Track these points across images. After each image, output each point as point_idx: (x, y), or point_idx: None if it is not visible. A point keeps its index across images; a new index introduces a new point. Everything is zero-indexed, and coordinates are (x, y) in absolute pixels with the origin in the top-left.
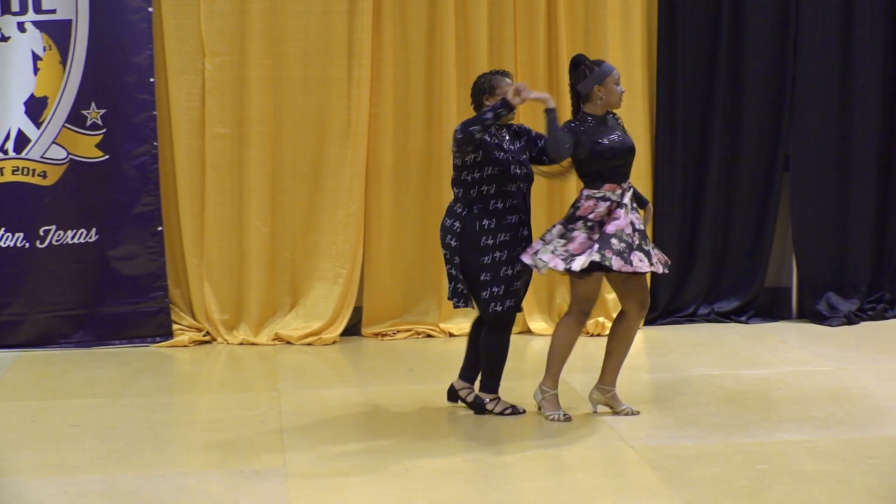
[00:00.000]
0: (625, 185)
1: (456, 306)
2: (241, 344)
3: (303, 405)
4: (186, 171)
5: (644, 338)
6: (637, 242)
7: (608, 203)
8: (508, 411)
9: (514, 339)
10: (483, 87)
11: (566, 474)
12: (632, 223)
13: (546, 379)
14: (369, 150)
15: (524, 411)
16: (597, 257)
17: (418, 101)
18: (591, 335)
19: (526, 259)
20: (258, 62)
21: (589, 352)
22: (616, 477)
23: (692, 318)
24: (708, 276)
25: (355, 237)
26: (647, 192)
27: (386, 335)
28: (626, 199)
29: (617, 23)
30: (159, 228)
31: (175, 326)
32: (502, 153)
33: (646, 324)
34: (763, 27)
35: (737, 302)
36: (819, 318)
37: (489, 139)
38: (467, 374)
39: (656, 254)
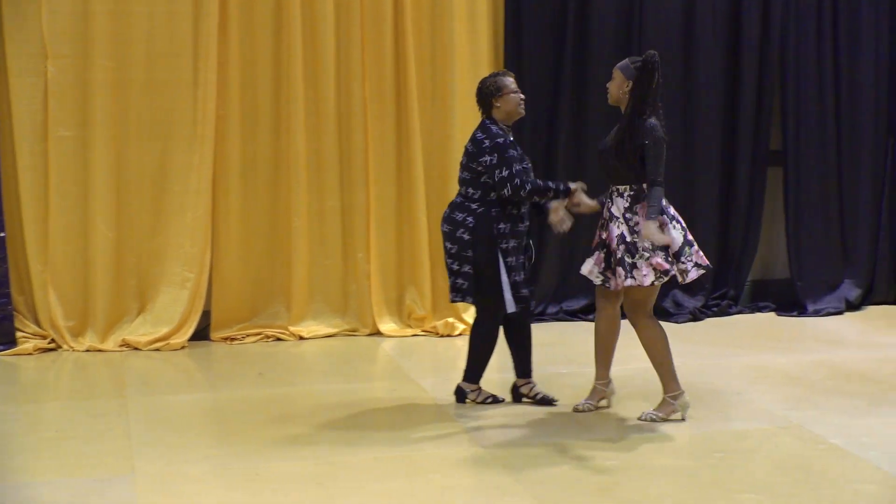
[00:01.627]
0: (613, 188)
1: (453, 301)
2: (88, 351)
3: (151, 411)
4: (29, 175)
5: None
6: (619, 256)
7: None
8: (489, 400)
9: (365, 341)
10: (490, 90)
11: (418, 475)
12: (621, 235)
13: (670, 386)
14: (216, 153)
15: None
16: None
17: (265, 103)
18: (441, 336)
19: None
20: (102, 64)
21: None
22: (468, 477)
23: (541, 317)
24: (556, 276)
25: (203, 241)
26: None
27: (235, 339)
28: (615, 209)
29: (464, 23)
30: (1, 234)
31: (19, 334)
32: (520, 165)
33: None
34: (608, 28)
35: (584, 300)
36: (665, 315)
37: (514, 151)
38: (520, 369)
39: (649, 263)
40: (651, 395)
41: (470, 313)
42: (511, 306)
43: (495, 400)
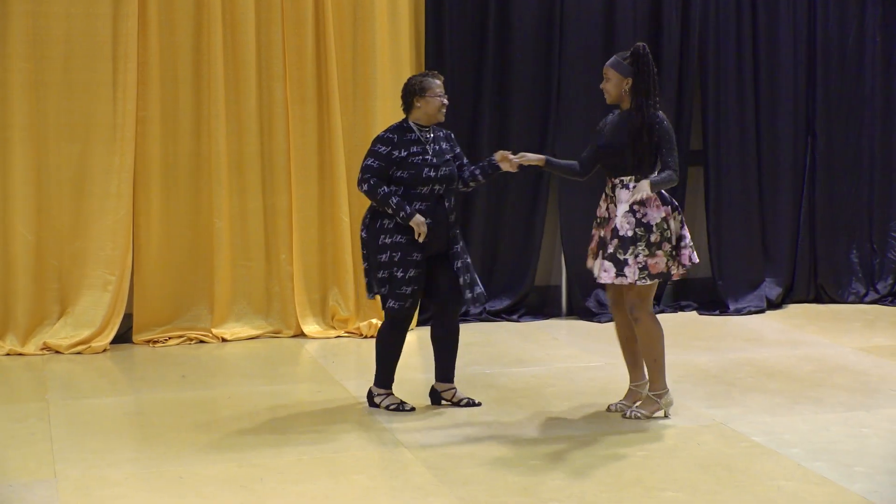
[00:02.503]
0: (615, 181)
1: (369, 297)
2: (8, 354)
3: (73, 415)
4: None
5: (416, 338)
6: (610, 251)
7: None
8: (393, 407)
9: (289, 343)
10: (414, 89)
11: (342, 476)
12: (615, 229)
13: (658, 384)
14: (137, 155)
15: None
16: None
17: (186, 105)
18: (365, 337)
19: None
20: (19, 66)
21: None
22: (392, 478)
23: (465, 318)
24: (480, 276)
25: (124, 243)
26: None
27: (157, 342)
28: (617, 199)
29: (385, 25)
30: None
31: None
32: (418, 157)
33: (417, 324)
34: (529, 30)
35: (508, 301)
36: (588, 315)
37: (400, 152)
38: (441, 374)
39: (638, 262)
40: (573, 396)
41: None
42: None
43: (400, 408)
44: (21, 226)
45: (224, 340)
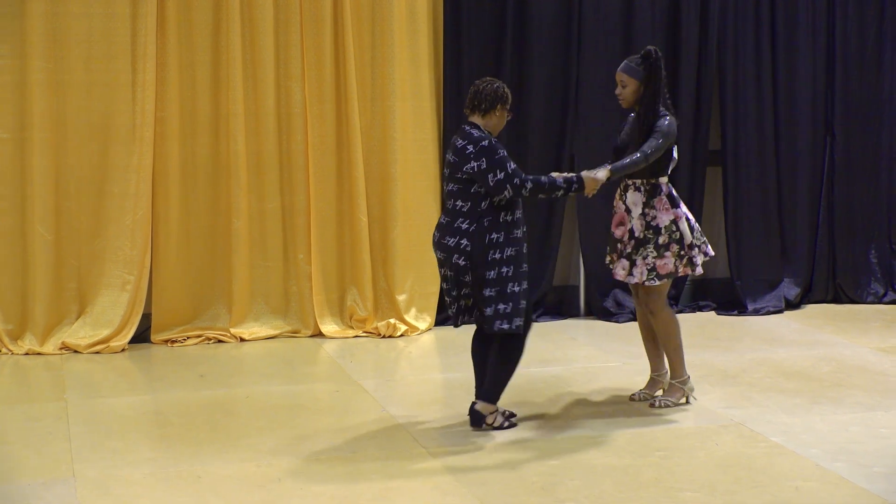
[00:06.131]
0: (628, 183)
1: (459, 324)
2: (27, 354)
3: (92, 415)
4: None
5: (435, 338)
6: (628, 251)
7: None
8: (507, 425)
9: (307, 343)
10: (504, 97)
11: (360, 477)
12: (631, 230)
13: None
14: (156, 155)
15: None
16: None
17: (205, 105)
18: (383, 336)
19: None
20: (40, 66)
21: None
22: (409, 478)
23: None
24: None
25: (143, 243)
26: (435, 194)
27: (176, 342)
28: (630, 202)
29: (404, 24)
30: None
31: None
32: (511, 163)
33: (435, 324)
34: (547, 29)
35: None
36: (607, 315)
37: (503, 151)
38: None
39: (646, 263)
40: (592, 396)
41: (412, 314)
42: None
43: (511, 423)
44: (40, 225)
45: (242, 340)
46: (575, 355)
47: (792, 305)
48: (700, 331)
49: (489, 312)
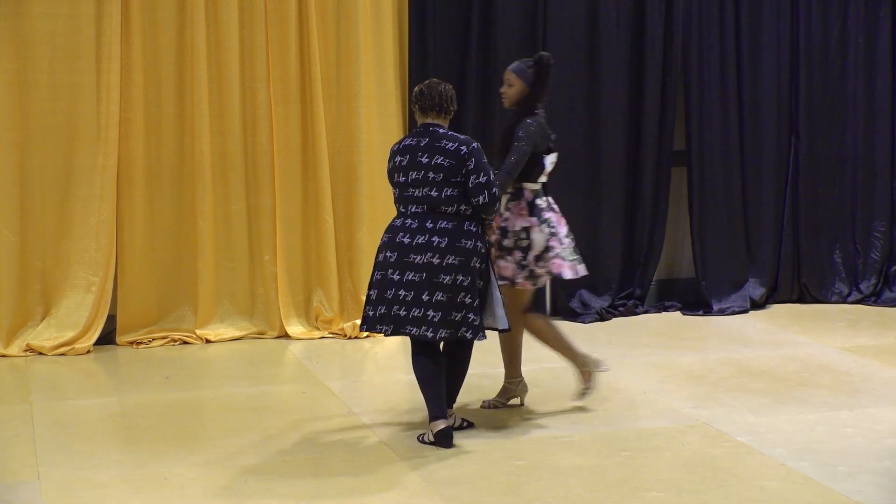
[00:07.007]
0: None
1: (462, 338)
2: None
3: (57, 417)
4: None
5: (400, 339)
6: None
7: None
8: (465, 425)
9: (273, 344)
10: (453, 97)
11: (328, 477)
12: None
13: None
14: (120, 156)
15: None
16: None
17: (169, 106)
18: (349, 338)
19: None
20: (4, 66)
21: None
22: (376, 478)
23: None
24: None
25: (108, 244)
26: None
27: (141, 343)
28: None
29: (369, 25)
30: None
31: None
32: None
33: None
34: (512, 30)
35: None
36: (572, 315)
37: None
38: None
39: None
40: (559, 395)
41: None
42: (504, 322)
43: (469, 425)
44: (4, 227)
45: (208, 342)
46: (540, 355)
47: (757, 305)
48: (665, 331)
49: (472, 318)
